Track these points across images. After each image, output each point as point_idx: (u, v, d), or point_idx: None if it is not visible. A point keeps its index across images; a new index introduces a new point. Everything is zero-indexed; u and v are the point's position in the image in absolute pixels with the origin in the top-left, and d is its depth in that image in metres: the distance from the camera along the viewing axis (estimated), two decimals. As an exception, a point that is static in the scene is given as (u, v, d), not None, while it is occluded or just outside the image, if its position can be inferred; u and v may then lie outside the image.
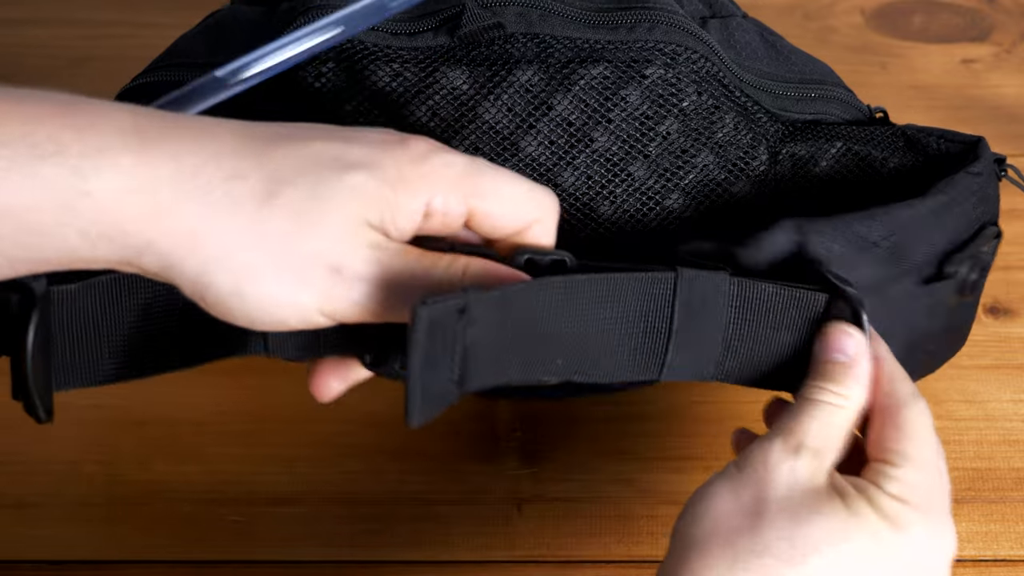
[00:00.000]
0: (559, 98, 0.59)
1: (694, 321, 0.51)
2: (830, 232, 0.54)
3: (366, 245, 0.47)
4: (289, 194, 0.46)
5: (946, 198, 0.56)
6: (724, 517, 0.48)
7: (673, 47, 0.59)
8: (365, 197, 0.47)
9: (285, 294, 0.47)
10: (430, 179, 0.48)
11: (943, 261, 0.57)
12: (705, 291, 0.51)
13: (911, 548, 0.48)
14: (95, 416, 0.68)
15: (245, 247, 0.46)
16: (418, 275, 0.48)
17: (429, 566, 0.63)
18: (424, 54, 0.59)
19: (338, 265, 0.47)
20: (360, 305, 0.47)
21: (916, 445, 0.50)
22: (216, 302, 0.47)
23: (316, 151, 0.48)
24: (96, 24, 0.89)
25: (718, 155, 0.60)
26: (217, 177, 0.46)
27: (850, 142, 0.61)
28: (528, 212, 0.50)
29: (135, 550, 0.63)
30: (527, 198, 0.50)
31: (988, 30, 0.88)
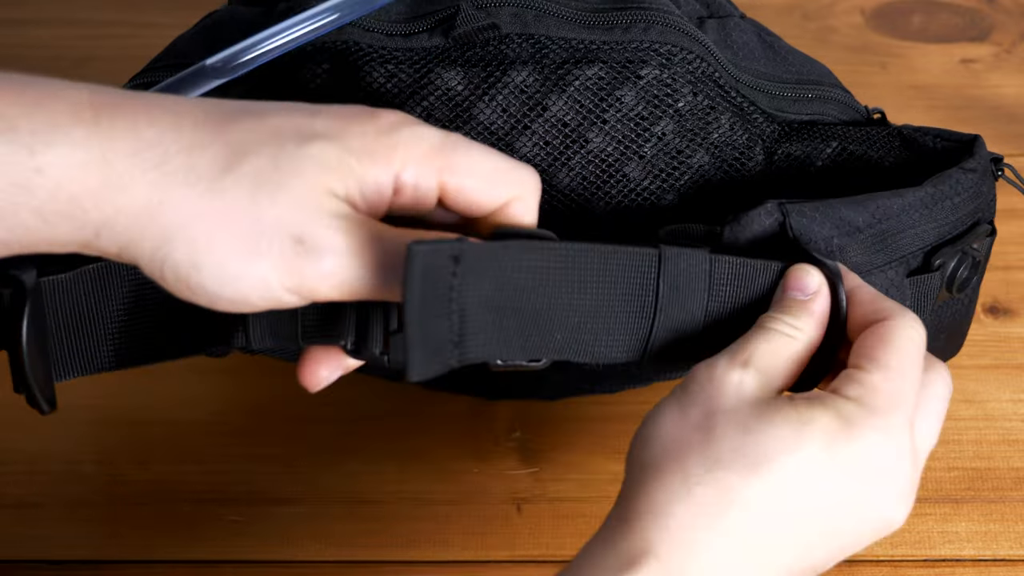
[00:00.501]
0: (554, 99, 0.59)
1: (677, 299, 0.51)
2: (814, 214, 0.54)
3: (330, 214, 0.46)
4: (249, 164, 0.45)
5: (936, 190, 0.56)
6: (674, 436, 0.47)
7: (669, 47, 0.59)
8: (328, 167, 0.46)
9: (243, 265, 0.45)
10: (399, 151, 0.47)
11: (930, 254, 0.57)
12: (687, 269, 0.50)
13: (864, 449, 0.47)
14: (95, 416, 0.68)
15: (202, 217, 0.45)
16: (388, 248, 0.46)
17: (429, 566, 0.63)
18: (419, 55, 0.59)
19: (300, 235, 0.45)
20: (327, 279, 0.46)
21: (890, 351, 0.48)
22: (175, 278, 0.46)
23: (279, 122, 0.47)
24: (97, 24, 0.89)
25: (714, 156, 0.60)
26: (175, 148, 0.45)
27: (846, 142, 0.61)
28: (505, 189, 0.49)
29: (135, 550, 0.63)
30: (504, 174, 0.49)
31: (988, 30, 0.88)
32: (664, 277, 0.50)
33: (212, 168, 0.45)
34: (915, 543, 0.63)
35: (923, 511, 0.64)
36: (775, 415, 0.47)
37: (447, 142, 0.48)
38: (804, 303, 0.51)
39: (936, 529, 0.64)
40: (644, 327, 0.51)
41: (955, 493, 0.65)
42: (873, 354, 0.49)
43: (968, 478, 0.66)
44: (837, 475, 0.47)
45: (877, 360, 0.48)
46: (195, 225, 0.45)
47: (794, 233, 0.54)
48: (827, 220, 0.54)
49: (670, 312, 0.51)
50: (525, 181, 0.49)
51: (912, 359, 0.49)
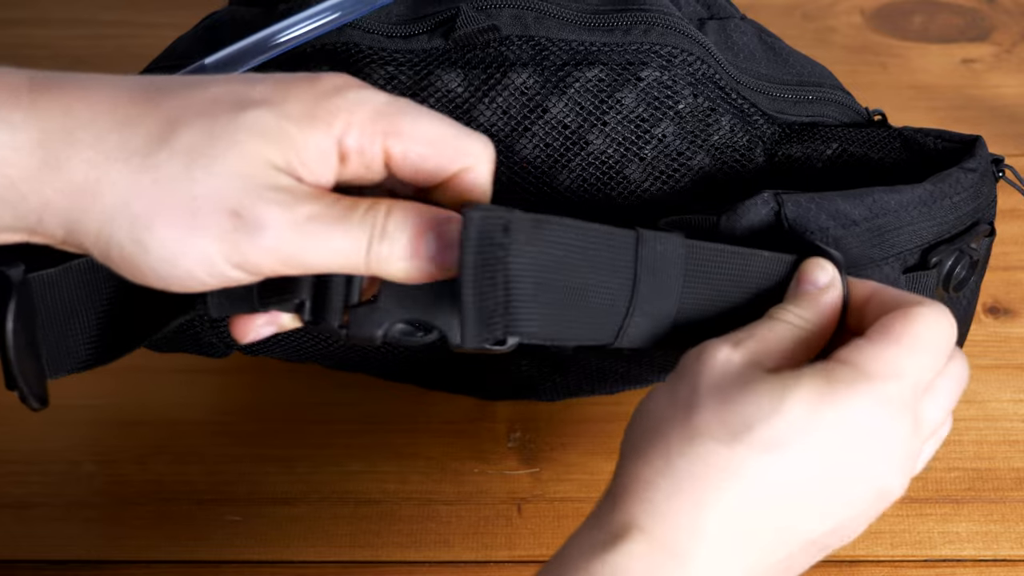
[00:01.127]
0: (554, 101, 0.59)
1: (654, 283, 0.49)
2: (810, 205, 0.54)
3: (269, 187, 0.44)
4: (184, 136, 0.44)
5: (935, 188, 0.56)
6: (660, 413, 0.47)
7: (669, 49, 0.59)
8: (265, 136, 0.44)
9: (184, 242, 0.44)
10: (341, 116, 0.45)
11: (928, 252, 0.57)
12: (664, 252, 0.49)
13: (851, 412, 0.46)
14: (95, 416, 0.68)
15: (140, 195, 0.44)
16: (334, 220, 0.45)
17: (429, 566, 0.63)
18: (419, 57, 0.59)
19: (237, 208, 0.44)
20: (269, 254, 0.44)
21: (905, 327, 0.47)
22: (121, 259, 0.45)
23: (216, 92, 0.45)
24: (98, 24, 0.89)
25: (714, 157, 0.60)
26: (109, 125, 0.44)
27: (846, 144, 0.61)
28: (455, 156, 0.47)
29: (135, 550, 0.63)
30: (453, 141, 0.47)
31: (988, 30, 0.88)
32: (641, 259, 0.49)
33: (147, 143, 0.44)
34: (915, 543, 0.63)
35: (923, 511, 0.64)
36: (758, 384, 0.46)
37: (393, 106, 0.46)
38: (813, 295, 0.50)
39: (936, 529, 0.64)
40: (619, 312, 0.50)
41: (956, 493, 0.65)
42: (887, 326, 0.47)
43: (969, 478, 0.66)
44: (821, 440, 0.45)
45: (888, 332, 0.47)
46: (134, 203, 0.44)
47: (789, 223, 0.54)
48: (823, 211, 0.54)
49: (646, 296, 0.49)
50: (476, 150, 0.47)
51: (930, 341, 0.47)
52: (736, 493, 0.45)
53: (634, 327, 0.50)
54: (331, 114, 0.45)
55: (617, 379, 0.65)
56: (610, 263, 0.48)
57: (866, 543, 0.63)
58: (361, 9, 0.58)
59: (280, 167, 0.44)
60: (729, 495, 0.45)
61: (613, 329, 0.50)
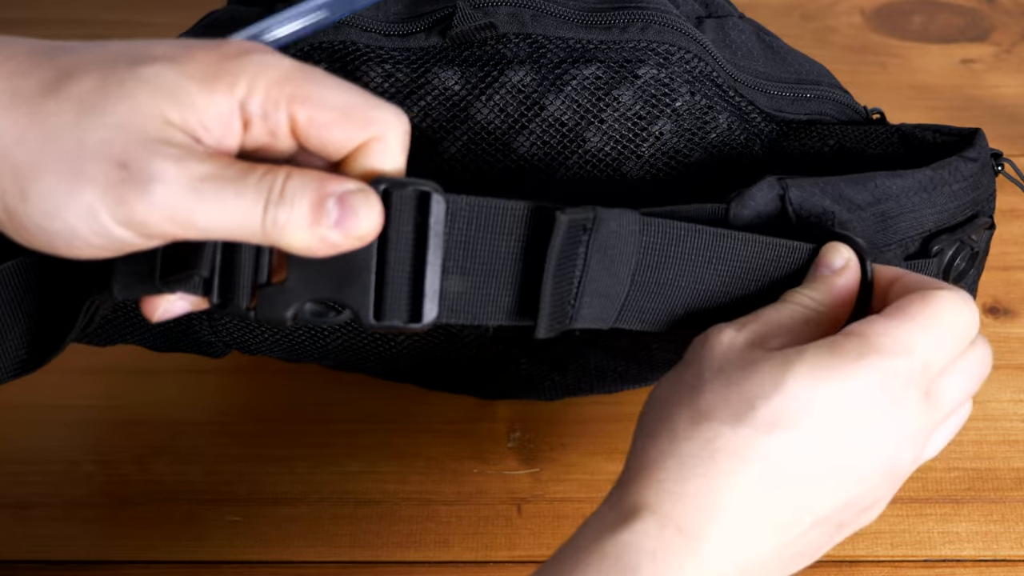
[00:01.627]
0: (551, 98, 0.59)
1: (604, 261, 0.49)
2: (814, 189, 0.54)
3: (162, 141, 0.42)
4: (76, 85, 0.42)
5: (935, 174, 0.56)
6: (667, 397, 0.47)
7: (666, 47, 0.59)
8: (162, 91, 0.42)
9: (67, 193, 0.42)
10: (243, 78, 0.43)
11: (928, 240, 0.57)
12: (617, 229, 0.49)
13: (857, 384, 0.45)
14: (94, 416, 0.68)
15: (24, 142, 0.42)
16: (228, 181, 0.43)
17: (429, 566, 0.63)
18: (416, 55, 0.59)
19: (124, 159, 0.42)
20: (156, 210, 0.42)
21: (923, 307, 0.47)
22: (6, 214, 0.43)
23: (114, 49, 0.44)
24: (97, 24, 0.89)
25: (712, 156, 0.60)
26: (1, 74, 0.43)
27: (844, 141, 0.61)
28: (362, 127, 0.45)
29: (135, 550, 0.63)
30: (361, 111, 0.45)
31: (988, 30, 0.88)
32: (594, 239, 0.49)
33: (35, 91, 0.43)
34: (915, 543, 0.63)
35: (923, 511, 0.64)
36: (760, 363, 0.46)
37: (299, 72, 0.44)
38: (826, 278, 0.50)
39: (936, 529, 0.64)
40: (570, 293, 0.49)
41: (955, 493, 0.65)
42: (903, 305, 0.47)
43: (968, 478, 0.66)
44: (825, 414, 0.45)
45: (904, 310, 0.47)
46: (17, 151, 0.42)
47: (793, 207, 0.53)
48: (827, 196, 0.54)
49: (597, 274, 0.49)
50: (386, 120, 0.45)
51: (947, 322, 0.47)
52: (743, 474, 0.45)
53: (585, 307, 0.50)
54: (234, 76, 0.43)
55: (616, 378, 0.65)
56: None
57: (866, 543, 0.63)
58: (344, 9, 0.58)
59: (175, 124, 0.43)
60: (737, 477, 0.45)
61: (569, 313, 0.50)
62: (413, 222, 0.46)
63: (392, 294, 0.46)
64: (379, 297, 0.46)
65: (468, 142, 0.59)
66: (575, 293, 0.49)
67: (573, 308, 0.50)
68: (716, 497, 0.45)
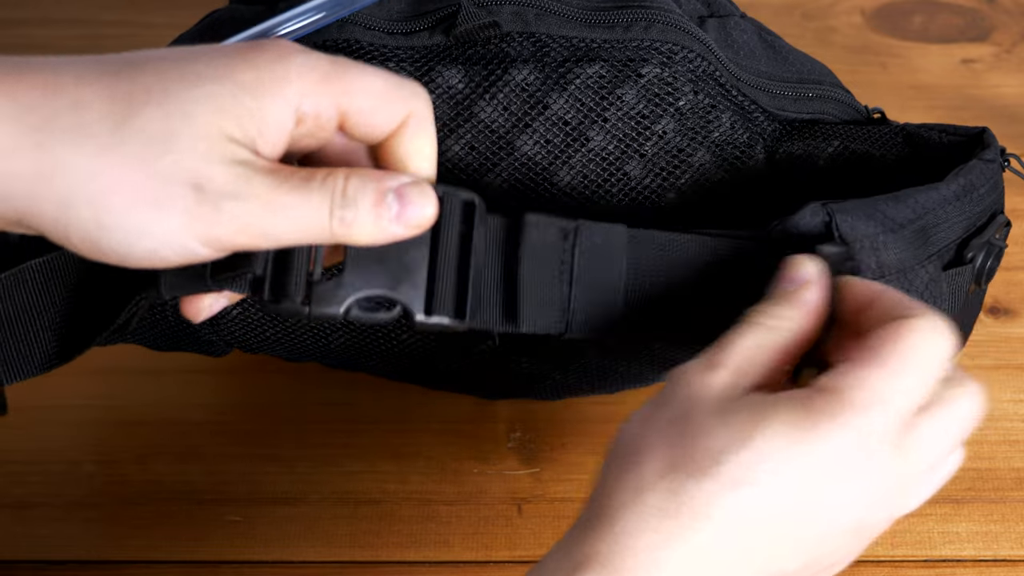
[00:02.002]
0: (555, 97, 0.59)
1: (592, 270, 0.51)
2: (858, 212, 0.53)
3: (229, 160, 0.44)
4: (140, 116, 0.44)
5: (966, 182, 0.56)
6: (637, 441, 0.46)
7: (669, 46, 0.59)
8: (222, 109, 0.44)
9: (148, 221, 0.44)
10: (295, 82, 0.45)
11: (962, 246, 0.57)
12: (605, 241, 0.50)
13: (828, 447, 0.44)
14: (95, 416, 0.68)
15: (98, 177, 0.44)
16: (293, 188, 0.45)
17: (429, 566, 0.63)
18: (420, 53, 0.59)
19: (198, 182, 0.44)
20: (235, 223, 0.44)
21: (895, 349, 0.45)
22: (82, 241, 0.45)
23: (163, 69, 0.45)
24: (97, 24, 0.89)
25: (715, 154, 0.60)
26: (60, 107, 0.44)
27: (848, 141, 0.61)
28: (401, 105, 0.47)
29: (135, 550, 0.63)
30: (396, 90, 0.47)
31: (988, 30, 0.88)
32: (579, 247, 0.51)
33: (102, 125, 0.44)
34: (915, 543, 0.63)
35: (923, 511, 0.64)
36: (730, 415, 0.45)
37: (338, 66, 0.46)
38: (792, 293, 0.48)
39: (936, 529, 0.64)
40: (563, 300, 0.51)
41: (956, 493, 0.65)
42: (874, 348, 0.45)
43: (969, 478, 0.66)
44: (795, 475, 0.44)
45: (876, 354, 0.45)
46: (92, 185, 0.44)
47: (840, 232, 0.53)
48: (871, 219, 0.53)
49: (587, 283, 0.51)
50: (417, 94, 0.48)
51: (921, 362, 0.45)
52: (701, 531, 0.44)
53: (579, 315, 0.51)
54: (285, 81, 0.45)
55: (617, 378, 0.65)
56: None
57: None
58: (342, 11, 0.58)
59: (237, 139, 0.45)
60: (694, 534, 0.44)
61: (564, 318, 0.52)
62: (459, 227, 0.49)
63: (441, 291, 0.49)
64: (429, 294, 0.49)
65: (471, 140, 0.59)
66: (566, 296, 0.51)
67: (569, 313, 0.51)
68: (669, 553, 0.44)
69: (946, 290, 0.57)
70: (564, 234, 0.51)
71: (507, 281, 0.51)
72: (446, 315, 0.49)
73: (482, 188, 0.59)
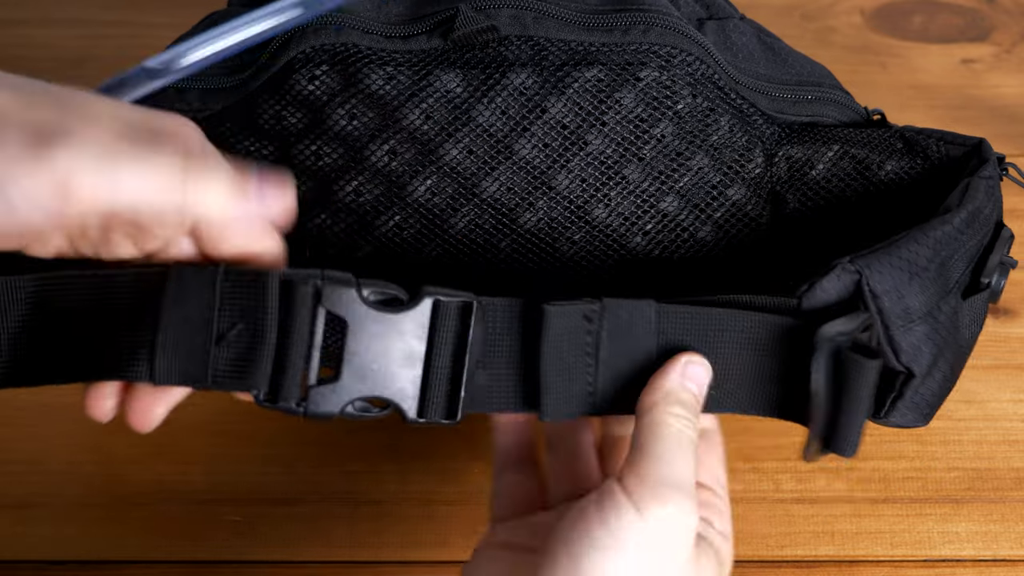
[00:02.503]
0: (553, 101, 0.59)
1: (620, 352, 0.51)
2: (883, 263, 0.53)
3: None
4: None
5: (973, 208, 0.56)
6: (573, 541, 0.48)
7: (668, 49, 0.59)
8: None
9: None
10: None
11: (976, 271, 0.57)
12: (631, 319, 0.51)
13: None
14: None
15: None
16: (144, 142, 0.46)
17: (429, 566, 0.63)
18: (418, 57, 0.59)
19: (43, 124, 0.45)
20: (79, 166, 0.45)
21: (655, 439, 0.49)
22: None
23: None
24: (97, 24, 0.89)
25: (713, 158, 0.60)
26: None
27: (847, 145, 0.61)
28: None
29: (135, 550, 0.63)
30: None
31: (988, 30, 0.88)
32: (606, 327, 0.51)
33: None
34: (915, 543, 0.63)
35: (923, 511, 0.64)
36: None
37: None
38: (697, 400, 0.51)
39: (936, 529, 0.64)
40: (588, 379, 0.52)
41: (955, 493, 0.65)
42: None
43: (968, 478, 0.66)
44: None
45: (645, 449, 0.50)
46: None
47: (870, 287, 0.53)
48: (896, 268, 0.53)
49: (613, 362, 0.51)
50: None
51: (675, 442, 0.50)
52: None
53: (602, 394, 0.52)
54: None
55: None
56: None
57: (866, 543, 0.63)
58: (312, 13, 0.57)
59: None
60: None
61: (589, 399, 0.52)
62: (455, 330, 0.50)
63: (434, 395, 0.50)
64: (423, 397, 0.50)
65: (469, 144, 0.59)
66: (592, 379, 0.51)
67: (593, 393, 0.51)
68: None
69: (966, 318, 0.57)
70: (588, 318, 0.51)
71: (526, 373, 0.51)
72: (438, 417, 0.50)
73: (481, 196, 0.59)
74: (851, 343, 0.51)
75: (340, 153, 0.59)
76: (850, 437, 0.51)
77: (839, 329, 0.51)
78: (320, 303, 0.48)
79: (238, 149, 0.60)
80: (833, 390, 0.51)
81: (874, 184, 0.60)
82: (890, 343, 0.53)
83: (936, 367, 0.55)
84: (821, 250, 0.60)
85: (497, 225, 0.59)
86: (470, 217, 0.59)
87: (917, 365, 0.54)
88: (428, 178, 0.59)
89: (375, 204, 0.59)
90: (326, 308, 0.48)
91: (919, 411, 0.56)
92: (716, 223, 0.60)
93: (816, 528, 0.64)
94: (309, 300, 0.48)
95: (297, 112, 0.59)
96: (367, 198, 0.59)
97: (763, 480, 0.65)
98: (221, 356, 0.48)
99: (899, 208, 0.60)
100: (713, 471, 0.54)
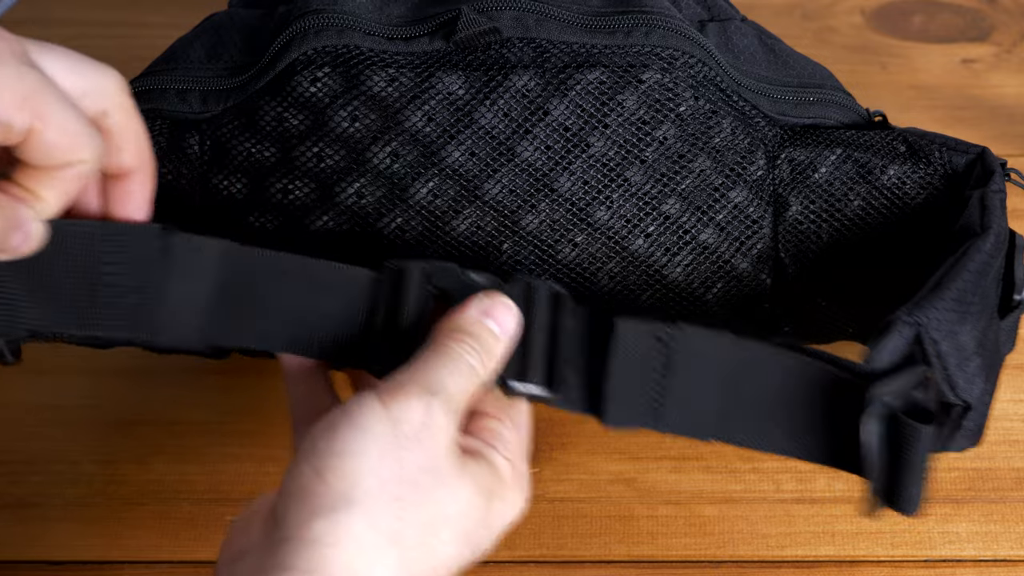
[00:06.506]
0: (555, 103, 0.59)
1: (687, 381, 0.52)
2: (937, 309, 0.53)
3: None
4: None
5: (997, 227, 0.56)
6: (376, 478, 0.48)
7: (670, 51, 0.59)
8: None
9: None
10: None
11: (1006, 288, 0.57)
12: (703, 349, 0.52)
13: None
14: (94, 416, 0.68)
15: None
16: None
17: (429, 566, 0.63)
18: (420, 59, 0.59)
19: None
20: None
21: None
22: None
23: None
24: (98, 24, 0.89)
25: (715, 160, 0.60)
26: None
27: (850, 148, 0.61)
28: (82, 150, 0.49)
29: (135, 550, 0.63)
30: (87, 135, 0.49)
31: (988, 30, 0.88)
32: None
33: None
34: (916, 543, 0.63)
35: (923, 511, 0.64)
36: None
37: (43, 87, 0.48)
38: (498, 340, 0.52)
39: (936, 529, 0.64)
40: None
41: (955, 493, 0.65)
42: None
43: (968, 478, 0.66)
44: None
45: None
46: None
47: (932, 337, 0.52)
48: (947, 311, 0.53)
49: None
50: (99, 147, 0.50)
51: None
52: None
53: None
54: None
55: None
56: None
57: (866, 543, 0.63)
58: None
59: None
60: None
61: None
62: (548, 314, 0.53)
63: (534, 363, 0.53)
64: (523, 364, 0.53)
65: (472, 146, 0.59)
66: (659, 403, 0.52)
67: (657, 412, 0.52)
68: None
69: (1005, 337, 0.58)
70: (659, 340, 0.51)
71: (590, 383, 0.52)
72: (537, 384, 0.53)
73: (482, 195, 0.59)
74: (905, 405, 0.50)
75: (342, 155, 0.59)
76: (911, 497, 0.51)
77: (893, 388, 0.50)
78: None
79: (239, 151, 0.60)
80: (888, 451, 0.50)
81: (877, 188, 0.60)
82: (948, 380, 0.53)
83: (986, 391, 0.55)
84: (824, 256, 0.60)
85: (499, 227, 0.59)
86: (472, 219, 0.59)
87: (970, 396, 0.54)
88: (430, 180, 0.59)
89: (377, 206, 0.59)
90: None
91: (973, 437, 0.57)
92: (718, 225, 0.60)
93: (816, 528, 0.64)
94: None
95: (299, 114, 0.59)
96: (369, 200, 0.59)
97: (763, 480, 0.65)
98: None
99: (903, 214, 0.60)
100: (515, 419, 0.55)
